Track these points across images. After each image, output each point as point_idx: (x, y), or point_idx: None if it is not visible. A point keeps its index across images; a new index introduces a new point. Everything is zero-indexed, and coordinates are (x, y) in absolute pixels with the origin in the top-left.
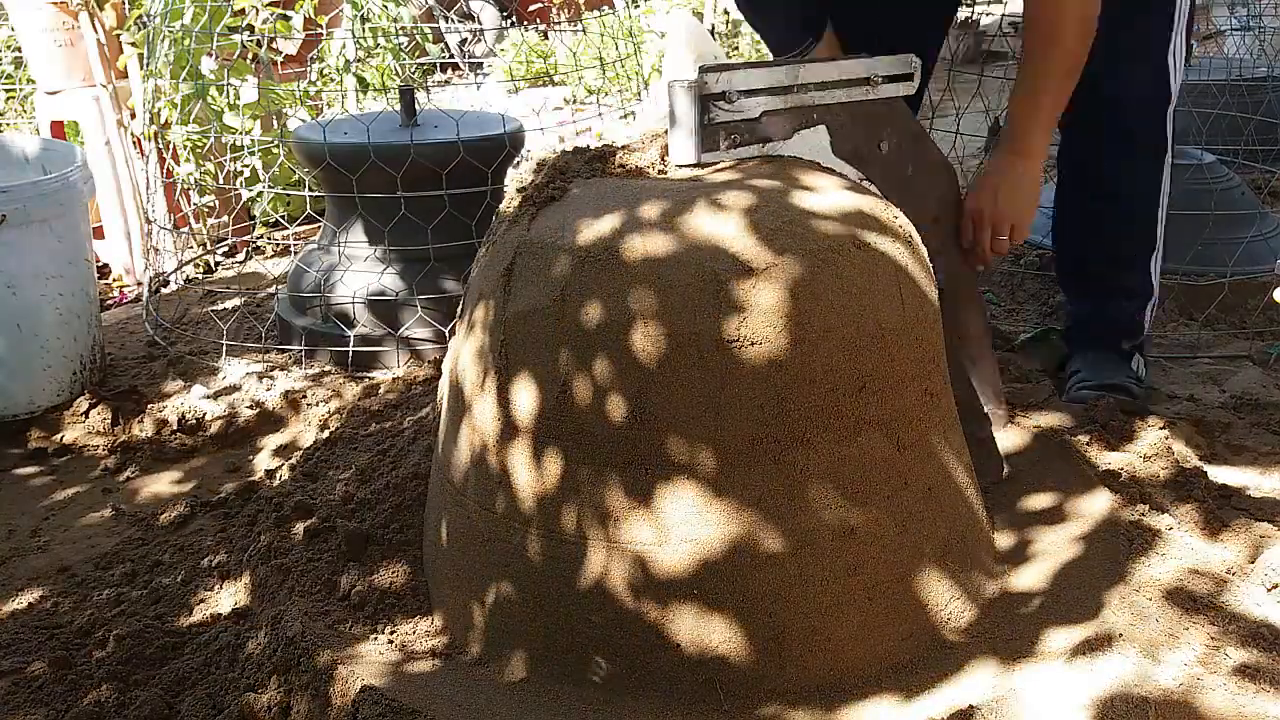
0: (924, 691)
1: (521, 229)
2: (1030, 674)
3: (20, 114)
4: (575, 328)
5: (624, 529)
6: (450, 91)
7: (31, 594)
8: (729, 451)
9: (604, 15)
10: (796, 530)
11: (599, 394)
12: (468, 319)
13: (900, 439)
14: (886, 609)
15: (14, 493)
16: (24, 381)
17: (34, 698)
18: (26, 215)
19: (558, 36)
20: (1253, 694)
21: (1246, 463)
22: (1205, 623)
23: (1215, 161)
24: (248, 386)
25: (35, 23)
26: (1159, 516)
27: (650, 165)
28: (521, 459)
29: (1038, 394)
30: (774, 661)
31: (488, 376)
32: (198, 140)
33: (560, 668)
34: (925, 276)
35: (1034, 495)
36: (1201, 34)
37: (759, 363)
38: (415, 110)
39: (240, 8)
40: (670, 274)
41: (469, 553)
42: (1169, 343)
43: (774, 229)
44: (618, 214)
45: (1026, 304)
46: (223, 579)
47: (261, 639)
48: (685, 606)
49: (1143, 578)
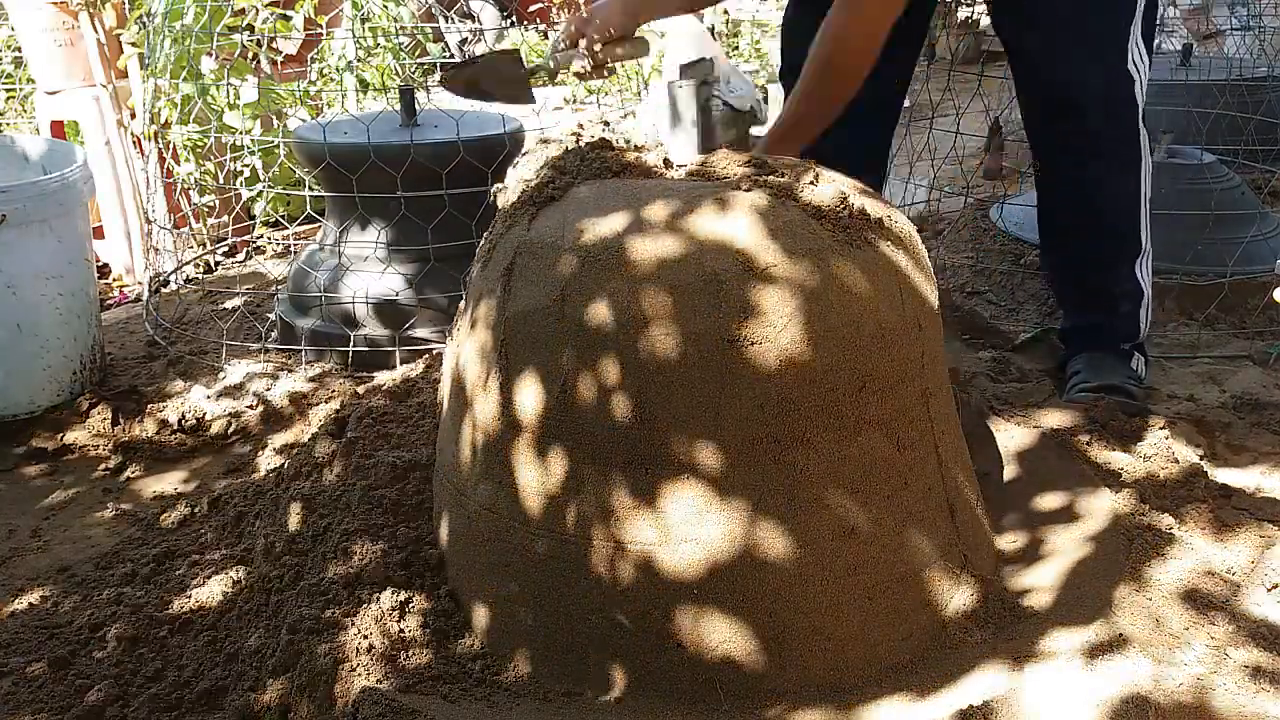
0: (926, 691)
1: (522, 229)
2: (1033, 674)
3: (20, 114)
4: (576, 327)
5: (625, 529)
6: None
7: (31, 594)
8: (730, 451)
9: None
10: (797, 530)
11: (600, 394)
12: (469, 318)
13: (900, 439)
14: (887, 609)
15: (14, 493)
16: (24, 381)
17: (34, 698)
18: (27, 215)
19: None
20: (1253, 694)
21: (1247, 462)
22: (1207, 623)
23: (1215, 161)
24: (248, 386)
25: (35, 23)
26: (1160, 517)
27: (651, 164)
28: (522, 459)
29: (1038, 394)
30: (775, 661)
31: (488, 376)
32: (198, 140)
33: (562, 667)
34: (925, 277)
35: (1035, 496)
36: (1202, 34)
37: (759, 363)
38: (415, 110)
39: (240, 8)
40: (671, 274)
41: (470, 552)
42: (1169, 343)
43: (775, 229)
44: (619, 213)
45: (1026, 304)
46: (223, 579)
47: (262, 639)
48: (686, 606)
49: (1144, 578)
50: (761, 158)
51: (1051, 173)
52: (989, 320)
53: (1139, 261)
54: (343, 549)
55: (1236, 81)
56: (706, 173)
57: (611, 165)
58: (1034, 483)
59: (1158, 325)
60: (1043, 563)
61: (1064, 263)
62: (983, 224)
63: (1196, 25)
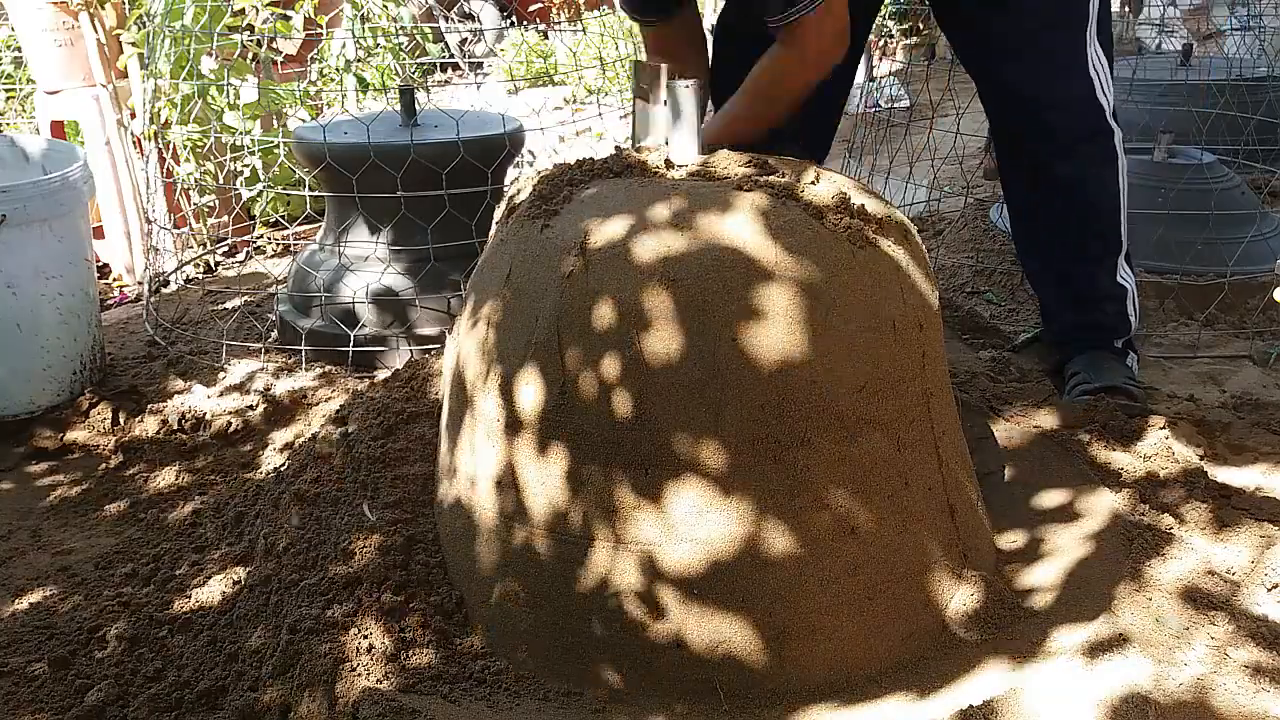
0: (927, 691)
1: (525, 228)
2: (1034, 673)
3: (20, 114)
4: (577, 327)
5: (625, 528)
6: (450, 91)
7: (32, 594)
8: (730, 451)
9: (604, 15)
10: (797, 530)
11: (601, 393)
12: (470, 317)
13: (900, 439)
14: (887, 608)
15: (15, 493)
16: (24, 381)
17: (34, 697)
18: (27, 215)
19: (558, 36)
20: (1253, 693)
21: (1247, 462)
22: (1208, 622)
23: (1215, 161)
24: (249, 386)
25: (35, 23)
26: (1160, 516)
27: (653, 165)
28: (522, 458)
29: (1038, 394)
30: (775, 661)
31: (490, 375)
32: (198, 140)
33: (562, 666)
34: (925, 276)
35: (1035, 496)
36: (1202, 34)
37: (761, 362)
38: (415, 110)
39: (240, 8)
40: (673, 273)
41: (470, 551)
42: (1169, 343)
43: (776, 229)
44: (621, 214)
45: (1026, 304)
46: (223, 578)
47: (262, 639)
48: (687, 606)
49: (1145, 577)
50: (762, 158)
51: (1025, 179)
52: (989, 320)
53: (1120, 258)
54: (343, 548)
55: (1236, 81)
56: (708, 173)
57: (614, 166)
58: (1034, 482)
59: (1158, 325)
60: (1043, 562)
61: (1044, 266)
62: (983, 224)
63: (1196, 25)
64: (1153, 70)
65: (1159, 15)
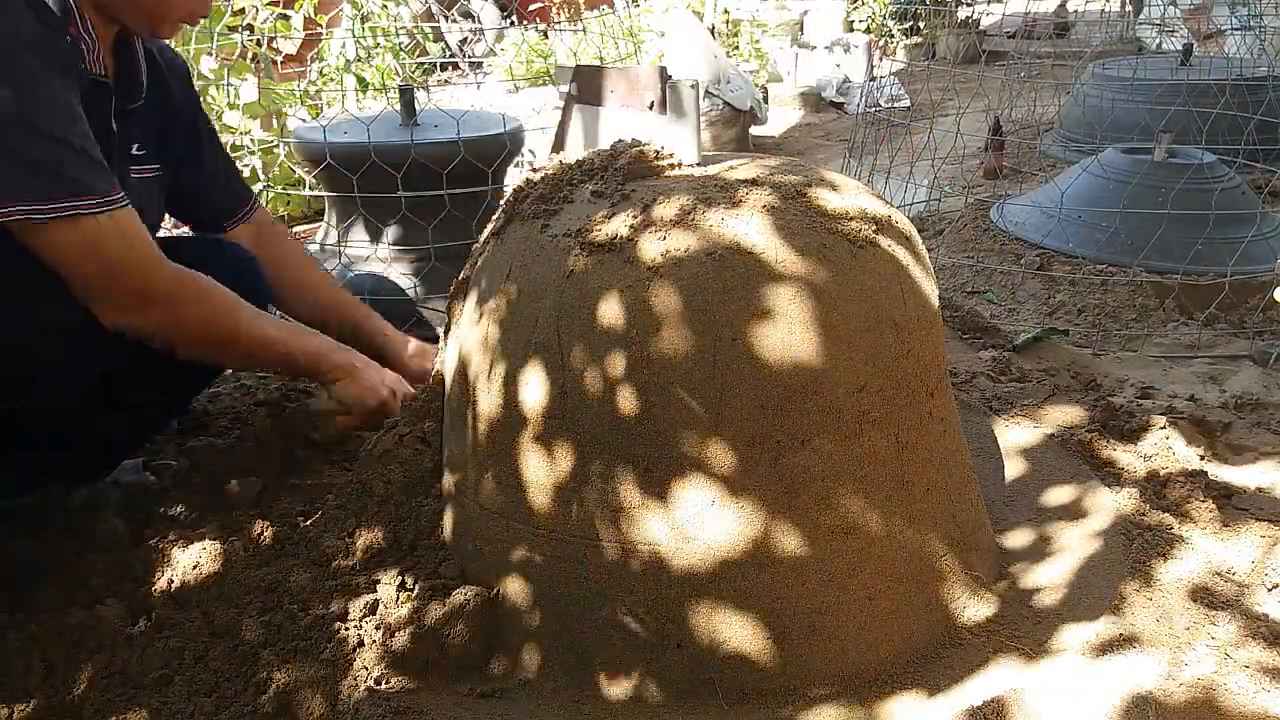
0: (934, 690)
1: (528, 225)
2: (1040, 672)
3: None
4: (578, 326)
5: (627, 528)
6: (450, 91)
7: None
8: (731, 451)
9: (604, 15)
10: (799, 529)
11: (602, 393)
12: (470, 316)
13: (901, 439)
14: (888, 608)
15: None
16: None
17: (30, 694)
18: None
19: (558, 36)
20: (1256, 693)
21: (1248, 462)
22: (1211, 622)
23: (1215, 161)
24: (248, 384)
25: None
26: (1161, 516)
27: (657, 164)
28: (522, 457)
29: (1038, 394)
30: (776, 660)
31: (491, 374)
32: None
33: (564, 666)
34: (926, 276)
35: (1036, 495)
36: (1202, 34)
37: (761, 362)
38: (415, 110)
39: (240, 8)
40: (675, 273)
41: (473, 549)
42: (1169, 343)
43: (779, 229)
44: (624, 212)
45: (1026, 304)
46: (223, 574)
47: (263, 636)
48: (688, 605)
49: (1147, 577)
50: (763, 159)
51: None
52: (989, 320)
53: None
54: (346, 544)
55: (1236, 81)
56: (708, 173)
57: (614, 165)
58: (1035, 482)
59: (1158, 325)
60: (1046, 562)
61: None
62: (983, 224)
63: (1196, 25)
64: (1153, 70)
65: (1159, 15)
